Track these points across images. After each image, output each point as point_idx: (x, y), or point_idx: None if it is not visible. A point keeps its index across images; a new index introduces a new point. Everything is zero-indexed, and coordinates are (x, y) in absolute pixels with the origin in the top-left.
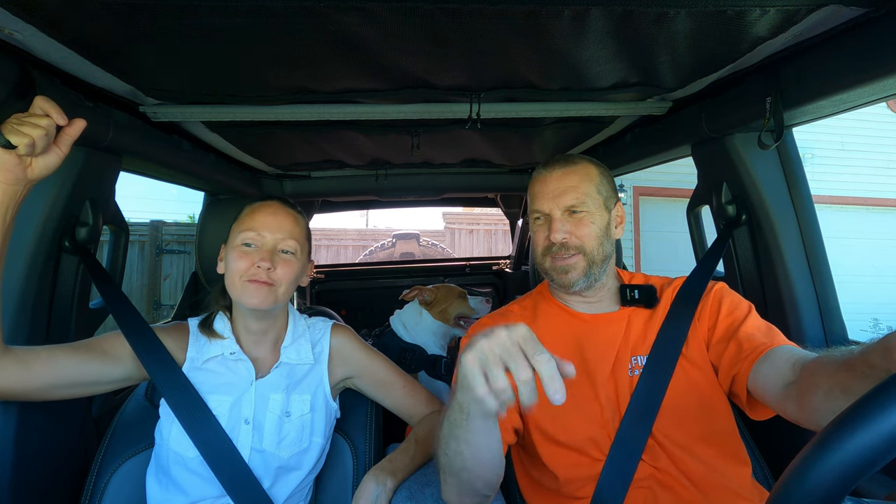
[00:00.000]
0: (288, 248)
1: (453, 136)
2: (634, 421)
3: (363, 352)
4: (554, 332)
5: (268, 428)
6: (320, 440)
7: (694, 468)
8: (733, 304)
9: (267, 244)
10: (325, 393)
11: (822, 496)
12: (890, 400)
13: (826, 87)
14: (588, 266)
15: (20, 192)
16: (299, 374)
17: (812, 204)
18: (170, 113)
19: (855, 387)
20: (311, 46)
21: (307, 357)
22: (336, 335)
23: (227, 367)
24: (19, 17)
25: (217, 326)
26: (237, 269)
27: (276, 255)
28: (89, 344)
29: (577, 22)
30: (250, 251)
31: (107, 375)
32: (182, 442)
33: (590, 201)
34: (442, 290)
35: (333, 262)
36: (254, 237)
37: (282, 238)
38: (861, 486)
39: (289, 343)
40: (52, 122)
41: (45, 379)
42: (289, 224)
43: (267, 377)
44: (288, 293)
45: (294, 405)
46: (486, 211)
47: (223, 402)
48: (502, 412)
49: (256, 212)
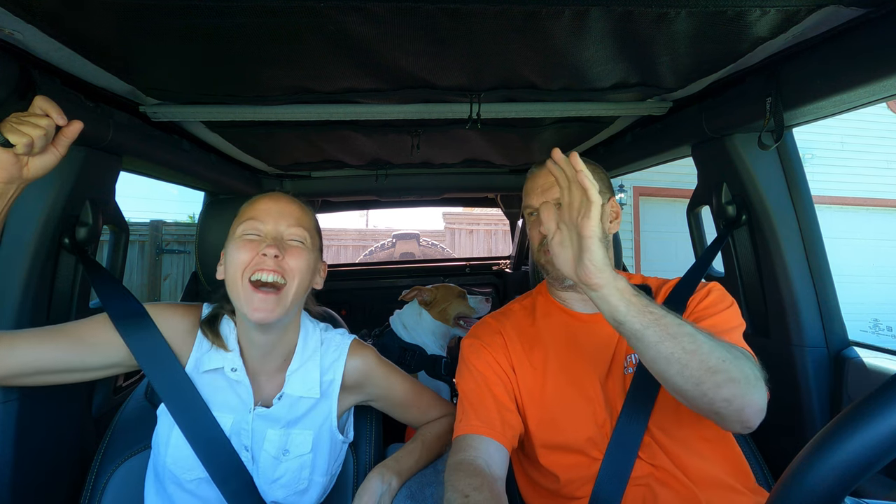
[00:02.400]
0: (296, 236)
1: (453, 136)
2: (630, 419)
3: (382, 377)
4: (552, 331)
5: (262, 465)
6: (321, 479)
7: (691, 464)
8: (716, 299)
9: (271, 232)
10: (330, 427)
11: (822, 496)
12: (890, 400)
13: (826, 87)
14: None
15: (13, 191)
16: (302, 408)
17: (812, 204)
18: (170, 113)
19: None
20: (311, 46)
21: (313, 390)
22: (354, 357)
23: (227, 384)
24: (19, 17)
25: (223, 330)
26: (239, 262)
27: (284, 243)
28: (63, 329)
29: (577, 22)
30: (255, 240)
31: (83, 363)
32: (180, 461)
33: None
34: (441, 289)
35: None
36: (256, 226)
37: (287, 225)
38: (861, 487)
39: (296, 367)
40: (51, 122)
41: (26, 364)
42: (295, 210)
43: (267, 411)
44: (298, 294)
45: (294, 442)
46: (486, 211)
47: (226, 420)
48: None
49: (257, 201)
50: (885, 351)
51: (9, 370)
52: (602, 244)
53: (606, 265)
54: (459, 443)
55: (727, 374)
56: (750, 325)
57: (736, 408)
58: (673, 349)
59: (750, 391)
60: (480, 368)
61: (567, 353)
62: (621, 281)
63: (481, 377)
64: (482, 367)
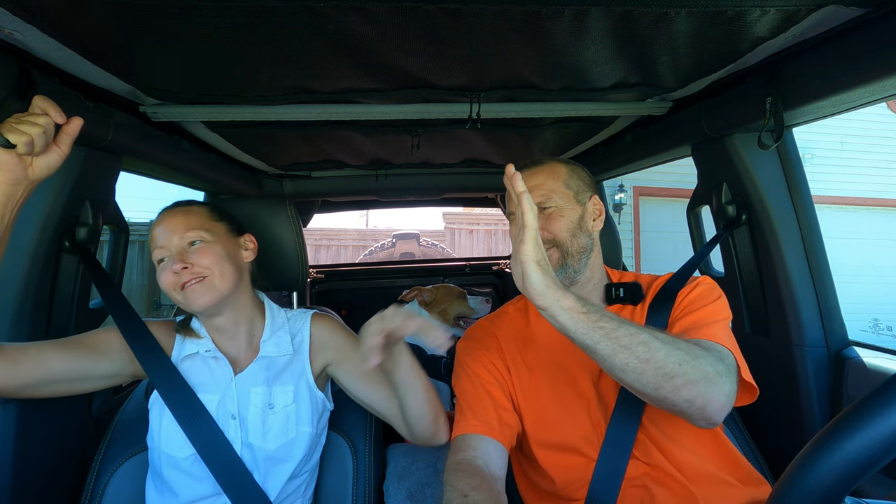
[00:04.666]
0: (193, 239)
1: (453, 136)
2: (623, 417)
3: (343, 337)
4: (545, 331)
5: (252, 421)
6: (308, 428)
7: (685, 461)
8: (702, 293)
9: (174, 248)
10: (308, 382)
11: (822, 496)
12: (890, 400)
13: (826, 87)
14: (563, 257)
15: (21, 192)
16: (279, 365)
17: (812, 204)
18: (170, 113)
19: None
20: (311, 46)
21: (286, 348)
22: (316, 322)
23: (206, 366)
24: (19, 17)
25: (194, 325)
26: (168, 285)
27: (187, 252)
28: (80, 339)
29: (577, 22)
30: (168, 264)
31: (96, 371)
32: (172, 443)
33: (557, 197)
34: (441, 290)
35: (333, 262)
36: (161, 251)
37: (180, 236)
38: (861, 487)
39: (267, 337)
40: (50, 120)
41: (33, 376)
42: (181, 220)
43: (245, 371)
44: (226, 277)
45: (277, 397)
46: (486, 211)
47: (211, 400)
48: None
49: (154, 228)
50: (886, 351)
51: (36, 378)
52: (540, 267)
53: (548, 287)
54: (458, 443)
55: (685, 378)
56: (750, 325)
57: (698, 407)
58: (627, 360)
59: (710, 390)
60: (476, 369)
61: (560, 352)
62: (568, 299)
63: (477, 378)
64: (477, 368)
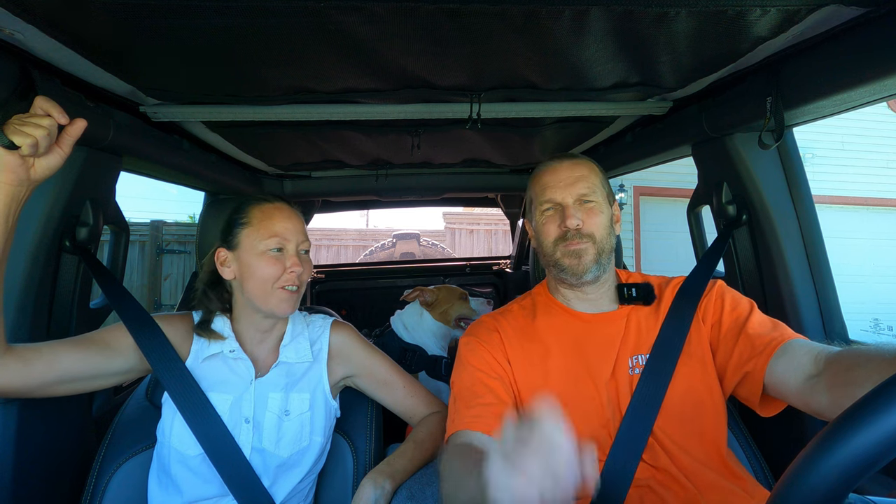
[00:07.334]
0: (307, 249)
1: (453, 135)
2: (635, 420)
3: (363, 350)
4: (553, 328)
5: (267, 427)
6: (320, 439)
7: (692, 467)
8: (735, 301)
9: (291, 248)
10: (324, 391)
11: (823, 495)
12: (890, 400)
13: (826, 87)
14: (598, 254)
15: (23, 193)
16: (298, 372)
17: (812, 204)
18: (170, 113)
19: None
20: (311, 46)
21: (306, 355)
22: (336, 332)
23: (227, 366)
24: (20, 17)
25: (216, 326)
26: (269, 276)
27: (301, 258)
28: (90, 337)
29: (578, 22)
30: (280, 256)
31: (108, 368)
32: (184, 440)
33: (598, 193)
34: (443, 291)
35: (333, 262)
36: (281, 243)
37: (301, 240)
38: (861, 486)
39: (288, 342)
40: (53, 121)
41: (47, 376)
42: (302, 225)
43: (266, 376)
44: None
45: (293, 404)
46: (486, 211)
47: (224, 401)
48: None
49: (273, 217)
50: None
51: (51, 378)
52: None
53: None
54: (453, 439)
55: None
56: None
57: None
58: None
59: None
60: (477, 365)
61: (569, 350)
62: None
63: (477, 374)
64: (478, 364)
